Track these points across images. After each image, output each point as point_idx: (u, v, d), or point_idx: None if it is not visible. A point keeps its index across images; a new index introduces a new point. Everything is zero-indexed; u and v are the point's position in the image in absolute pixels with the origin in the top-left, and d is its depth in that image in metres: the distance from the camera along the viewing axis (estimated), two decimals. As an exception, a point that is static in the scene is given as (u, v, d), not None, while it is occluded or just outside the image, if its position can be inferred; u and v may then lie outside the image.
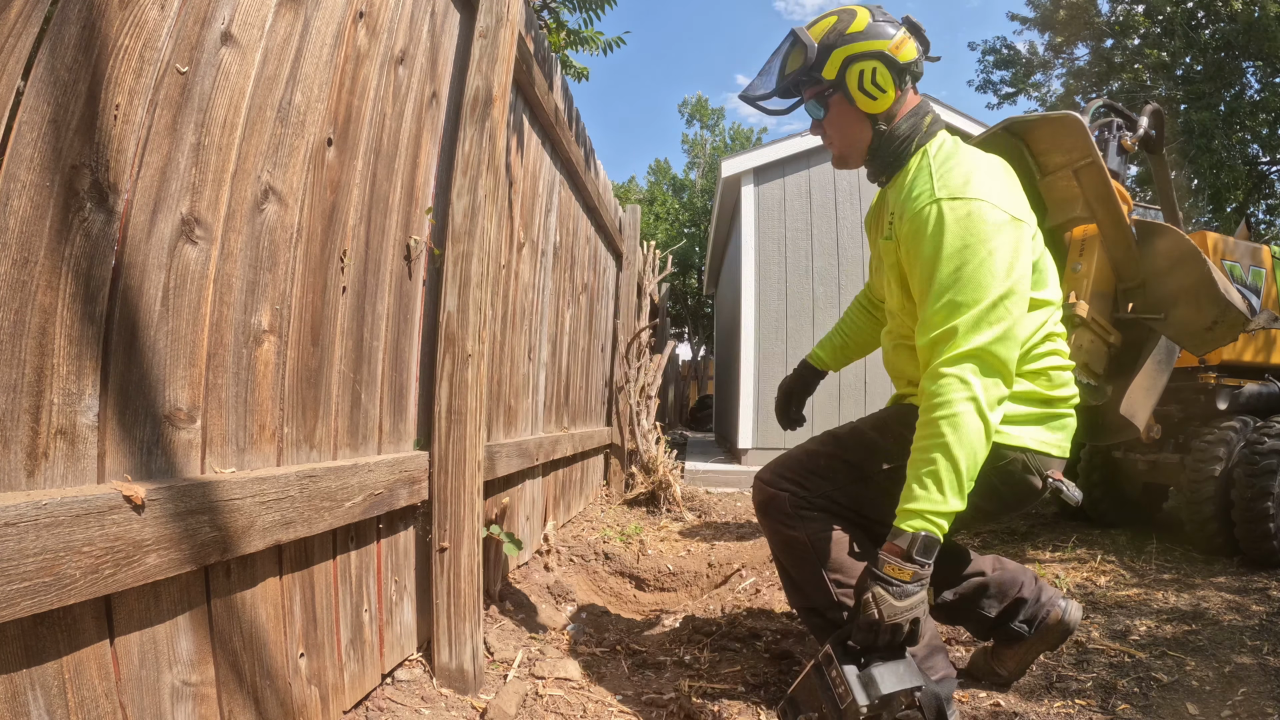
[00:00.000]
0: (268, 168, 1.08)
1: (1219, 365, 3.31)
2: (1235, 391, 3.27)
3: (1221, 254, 3.23)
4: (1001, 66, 15.28)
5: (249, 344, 1.06)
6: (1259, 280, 3.32)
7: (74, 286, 0.77)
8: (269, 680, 1.08)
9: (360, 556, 1.37)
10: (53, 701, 0.72)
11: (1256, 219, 13.11)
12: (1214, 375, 3.29)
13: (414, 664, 1.58)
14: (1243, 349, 3.31)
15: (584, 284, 3.68)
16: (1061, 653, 1.97)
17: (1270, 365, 3.40)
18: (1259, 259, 3.35)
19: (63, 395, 0.76)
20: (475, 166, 1.68)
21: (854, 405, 6.60)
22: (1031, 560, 3.19)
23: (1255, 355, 3.32)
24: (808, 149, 6.82)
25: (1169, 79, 12.12)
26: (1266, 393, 3.31)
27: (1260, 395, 3.30)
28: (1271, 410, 3.29)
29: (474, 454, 1.63)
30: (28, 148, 0.71)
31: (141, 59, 0.84)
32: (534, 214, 2.57)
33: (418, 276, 1.63)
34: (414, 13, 1.55)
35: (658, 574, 2.77)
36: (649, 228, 19.31)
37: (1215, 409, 3.25)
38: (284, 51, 1.11)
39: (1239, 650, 1.97)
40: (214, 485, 0.93)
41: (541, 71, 2.41)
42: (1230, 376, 3.32)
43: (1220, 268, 2.92)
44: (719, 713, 1.61)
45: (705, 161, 22.60)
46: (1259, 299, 3.27)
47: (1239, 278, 3.28)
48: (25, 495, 0.70)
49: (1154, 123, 3.01)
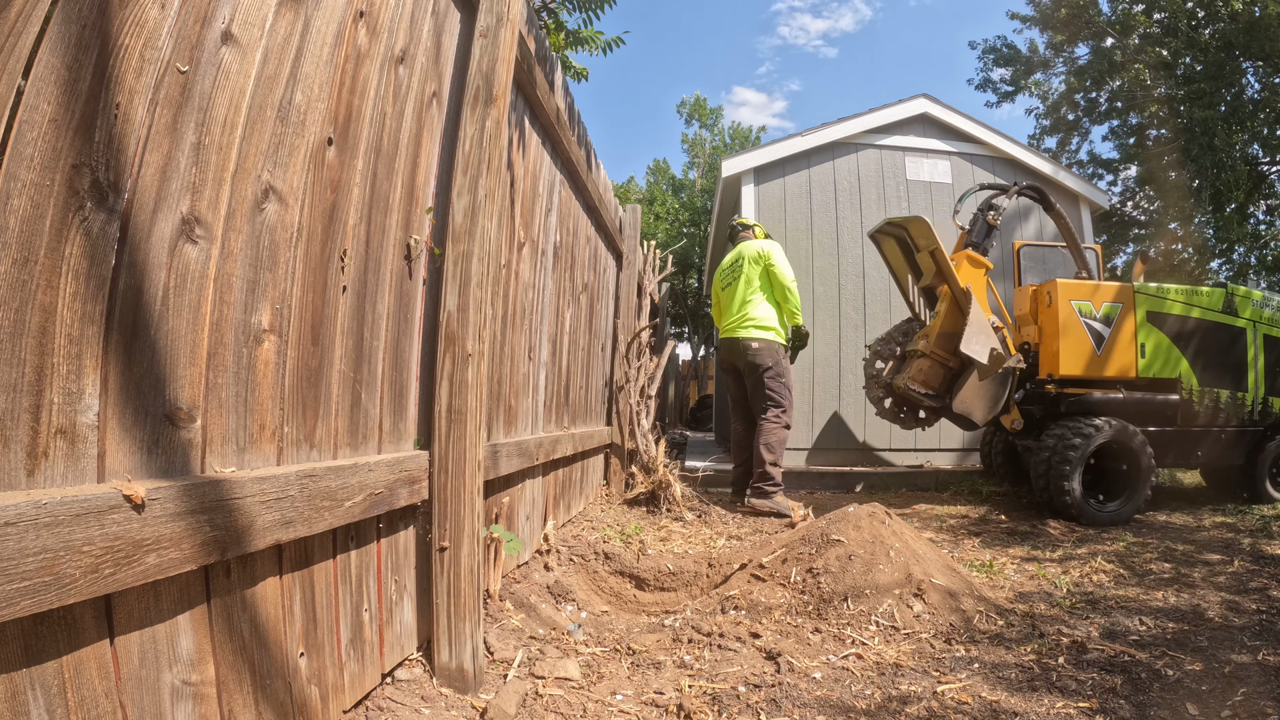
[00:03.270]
0: (268, 167, 1.08)
1: (1061, 379, 4.42)
2: (1073, 399, 4.38)
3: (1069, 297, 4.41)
4: (1002, 65, 15.26)
5: (249, 343, 1.05)
6: (1112, 314, 4.42)
7: (74, 286, 0.77)
8: (269, 680, 1.07)
9: (360, 556, 1.37)
10: (53, 701, 0.72)
11: (1256, 219, 13.11)
12: (1052, 386, 4.46)
13: (414, 664, 1.58)
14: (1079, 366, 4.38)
15: (584, 284, 3.68)
16: (1062, 652, 1.97)
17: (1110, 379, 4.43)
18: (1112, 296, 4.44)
19: (63, 394, 0.76)
20: (476, 166, 1.68)
21: (855, 404, 6.60)
22: (1032, 560, 3.19)
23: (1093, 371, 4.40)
24: (808, 149, 6.82)
25: (1169, 78, 12.11)
26: (1095, 400, 4.35)
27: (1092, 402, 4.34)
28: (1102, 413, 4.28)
29: (474, 453, 1.63)
30: (28, 147, 0.71)
31: (142, 58, 0.84)
32: (534, 213, 2.57)
33: (418, 276, 1.63)
34: (414, 12, 1.55)
35: (658, 574, 2.77)
36: (649, 228, 19.30)
37: (1059, 410, 4.42)
38: (284, 51, 1.11)
39: (1239, 650, 1.97)
40: (214, 485, 0.93)
41: (542, 71, 2.41)
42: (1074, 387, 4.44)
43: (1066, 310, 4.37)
44: (719, 713, 1.61)
45: (705, 161, 22.58)
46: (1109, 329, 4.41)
47: (1088, 314, 4.40)
48: (25, 495, 0.70)
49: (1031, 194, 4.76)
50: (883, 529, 2.54)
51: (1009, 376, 4.30)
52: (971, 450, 6.63)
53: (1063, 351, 4.38)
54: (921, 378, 4.29)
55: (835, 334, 6.64)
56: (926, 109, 7.00)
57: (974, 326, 4.01)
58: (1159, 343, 4.48)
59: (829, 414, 6.57)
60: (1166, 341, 4.49)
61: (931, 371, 4.30)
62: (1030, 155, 7.19)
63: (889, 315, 6.72)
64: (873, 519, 2.60)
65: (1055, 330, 4.42)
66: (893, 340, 4.69)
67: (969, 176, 7.04)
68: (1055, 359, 4.39)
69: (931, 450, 6.60)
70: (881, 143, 6.97)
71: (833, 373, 6.60)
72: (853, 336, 6.65)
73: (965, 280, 4.27)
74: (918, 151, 7.02)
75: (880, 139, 6.97)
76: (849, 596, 2.27)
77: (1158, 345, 4.48)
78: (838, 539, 2.49)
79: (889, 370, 4.58)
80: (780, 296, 4.46)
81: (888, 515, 2.67)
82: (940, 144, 7.05)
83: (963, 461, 6.64)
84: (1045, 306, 4.56)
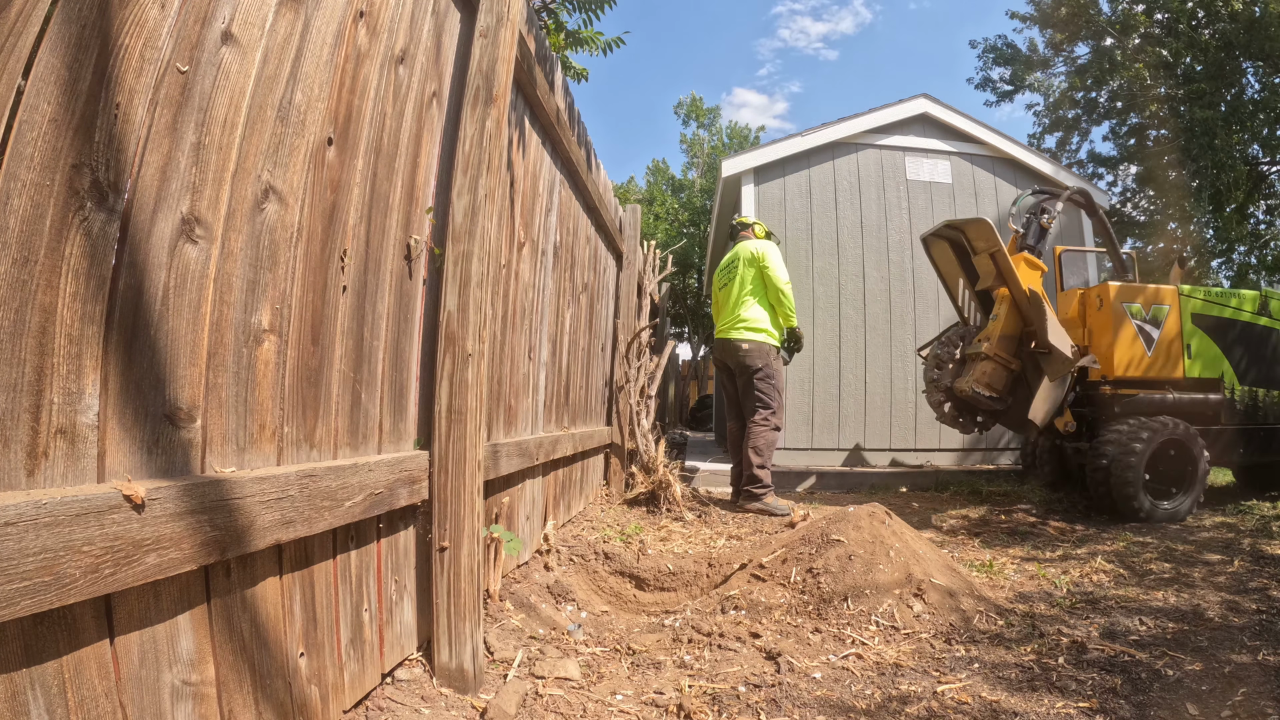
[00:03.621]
0: (268, 167, 1.08)
1: (1114, 380, 4.45)
2: (1126, 399, 4.39)
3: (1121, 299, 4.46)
4: (1002, 64, 15.25)
5: (249, 343, 1.05)
6: (1160, 315, 4.49)
7: (74, 286, 0.77)
8: (269, 680, 1.07)
9: (360, 556, 1.37)
10: (53, 701, 0.72)
11: (1256, 219, 13.12)
12: (1109, 387, 4.48)
13: (414, 663, 1.58)
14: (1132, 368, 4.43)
15: (584, 283, 3.68)
16: (1061, 652, 1.97)
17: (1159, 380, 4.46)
18: (1161, 298, 4.51)
19: (63, 394, 0.76)
20: (476, 166, 1.68)
21: (855, 404, 6.60)
22: (1032, 560, 3.19)
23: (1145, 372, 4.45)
24: (808, 149, 6.82)
25: (1169, 78, 12.11)
26: (1148, 400, 4.39)
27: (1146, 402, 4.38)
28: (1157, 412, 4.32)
29: (474, 453, 1.63)
30: (28, 146, 0.71)
31: (142, 58, 0.84)
32: (534, 213, 2.57)
33: (418, 276, 1.63)
34: (414, 12, 1.55)
35: (658, 574, 2.77)
36: (649, 228, 19.29)
37: (1114, 411, 4.39)
38: (284, 51, 1.11)
39: (1239, 650, 1.97)
40: (214, 485, 0.93)
41: (542, 71, 2.41)
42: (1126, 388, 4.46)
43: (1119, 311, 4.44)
44: (719, 713, 1.61)
45: (704, 161, 22.56)
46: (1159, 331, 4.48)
47: (1139, 315, 4.46)
48: (25, 495, 0.70)
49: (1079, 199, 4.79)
50: (883, 529, 2.54)
51: (1068, 379, 4.28)
52: (972, 450, 6.63)
53: (1117, 353, 4.41)
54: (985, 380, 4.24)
55: (835, 334, 6.64)
56: (926, 109, 7.00)
57: (1052, 323, 3.98)
58: (1203, 344, 4.55)
59: (829, 414, 6.57)
60: (1210, 342, 4.56)
61: (995, 374, 4.25)
62: (1030, 155, 7.19)
63: (889, 315, 6.72)
64: (873, 519, 2.60)
65: (1109, 332, 4.44)
66: (950, 344, 4.61)
67: (969, 176, 7.05)
68: (1110, 361, 4.43)
69: (931, 450, 6.60)
70: (881, 143, 6.97)
71: (833, 372, 6.60)
72: (853, 337, 6.65)
73: (1026, 282, 4.21)
74: (918, 151, 7.02)
75: (880, 139, 6.97)
76: (849, 596, 2.27)
77: (1202, 346, 4.55)
78: (838, 539, 2.49)
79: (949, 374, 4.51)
80: (774, 299, 4.46)
81: (888, 515, 2.67)
82: (940, 144, 7.05)
83: (963, 461, 6.64)
84: (1096, 309, 4.59)
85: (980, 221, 4.31)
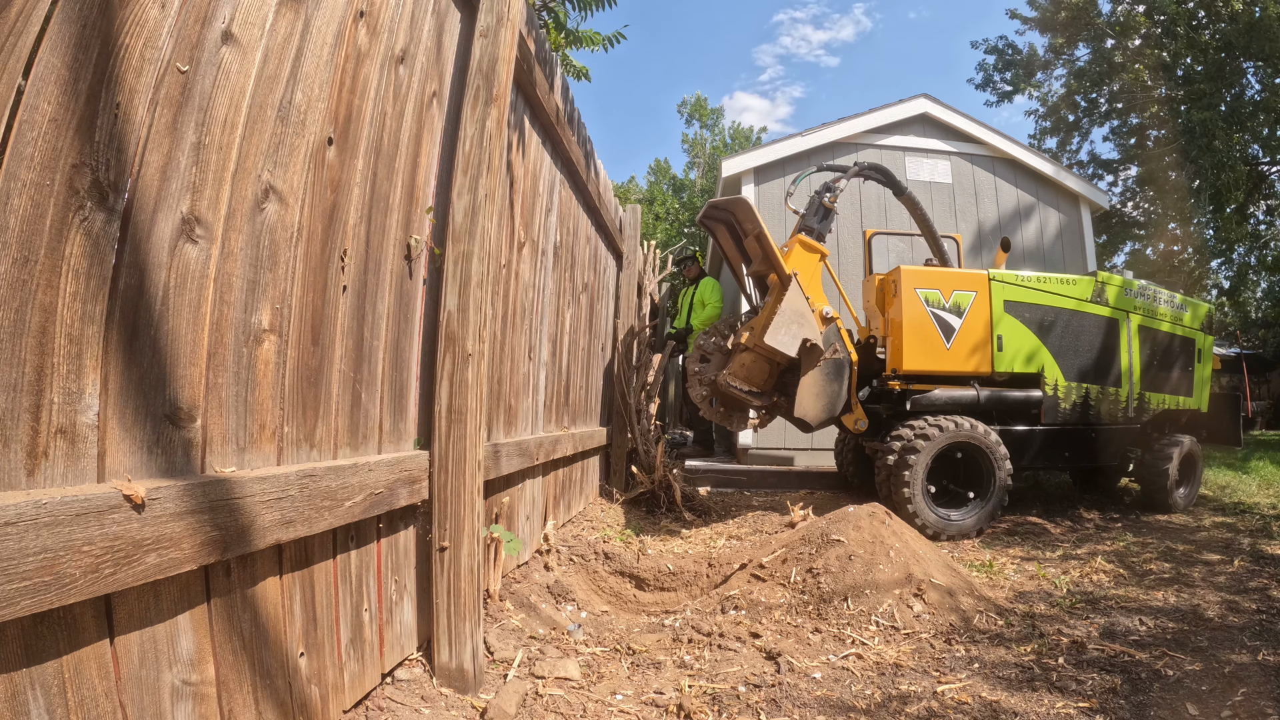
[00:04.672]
0: (268, 167, 1.08)
1: (905, 375, 4.10)
2: (917, 396, 4.08)
3: (915, 285, 4.07)
4: (1002, 68, 15.26)
5: (249, 343, 1.05)
6: (963, 303, 4.10)
7: (74, 285, 0.77)
8: (269, 679, 1.07)
9: (360, 556, 1.37)
10: (53, 701, 0.72)
11: (1256, 219, 13.12)
12: (898, 382, 4.12)
13: (414, 663, 1.58)
14: (926, 361, 4.06)
15: (584, 283, 3.68)
16: (1061, 652, 1.97)
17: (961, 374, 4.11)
18: (965, 284, 4.12)
19: (63, 394, 0.76)
20: (476, 166, 1.67)
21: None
22: (1031, 560, 3.19)
23: (942, 365, 4.08)
24: (809, 148, 6.82)
25: (1169, 79, 12.11)
26: (944, 398, 4.07)
27: (940, 400, 4.08)
28: (950, 411, 4.03)
29: (474, 453, 1.63)
30: (28, 146, 0.71)
31: (142, 58, 0.84)
32: (534, 213, 2.57)
33: (418, 276, 1.62)
34: (415, 12, 1.55)
35: (658, 574, 2.77)
36: (649, 228, 19.29)
37: (904, 409, 4.08)
38: (284, 51, 1.11)
39: (1238, 650, 1.97)
40: (214, 484, 0.93)
41: (542, 71, 2.41)
42: (921, 383, 4.12)
43: (911, 299, 4.03)
44: (719, 713, 1.61)
45: (705, 161, 22.57)
46: (960, 320, 4.11)
47: (936, 303, 4.07)
48: (25, 495, 0.70)
49: (876, 176, 4.38)
50: (882, 529, 2.54)
51: (845, 372, 3.91)
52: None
53: (907, 344, 4.00)
54: (743, 374, 3.84)
55: (835, 334, 6.63)
56: (927, 109, 7.00)
57: (785, 315, 3.62)
58: (1019, 335, 4.10)
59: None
60: (1028, 334, 4.12)
61: (755, 367, 3.86)
62: (1030, 155, 7.19)
63: (889, 315, 6.71)
64: (873, 519, 2.60)
65: (900, 321, 4.04)
66: (720, 334, 4.15)
67: (969, 176, 7.05)
68: (899, 353, 4.04)
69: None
70: (882, 143, 6.97)
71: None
72: (852, 336, 6.65)
73: (793, 266, 3.83)
74: (918, 151, 7.02)
75: (880, 139, 6.97)
76: (849, 596, 2.27)
77: (1017, 338, 4.10)
78: (838, 539, 2.49)
79: (713, 366, 4.08)
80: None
81: (888, 515, 2.67)
82: (940, 144, 7.05)
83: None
84: (891, 296, 4.16)
85: (741, 201, 3.93)
